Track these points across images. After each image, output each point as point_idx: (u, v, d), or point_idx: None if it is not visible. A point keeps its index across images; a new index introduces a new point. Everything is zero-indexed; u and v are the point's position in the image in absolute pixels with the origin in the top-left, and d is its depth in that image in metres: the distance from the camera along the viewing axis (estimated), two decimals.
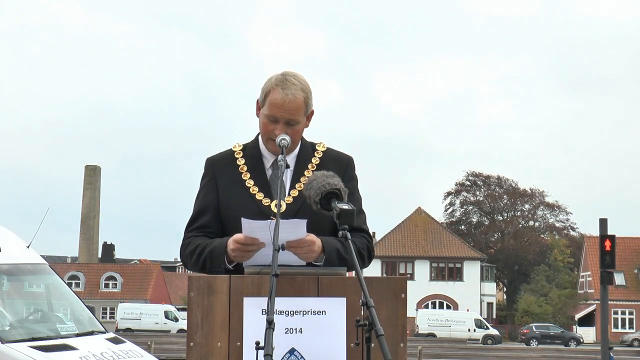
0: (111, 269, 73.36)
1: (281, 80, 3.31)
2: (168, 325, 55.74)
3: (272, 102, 3.29)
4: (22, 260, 8.82)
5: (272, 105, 3.29)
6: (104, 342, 8.19)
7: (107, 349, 7.93)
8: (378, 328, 2.55)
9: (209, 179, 3.42)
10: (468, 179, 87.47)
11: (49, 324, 8.68)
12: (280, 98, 3.27)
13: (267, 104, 3.31)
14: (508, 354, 30.56)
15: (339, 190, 2.99)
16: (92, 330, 8.65)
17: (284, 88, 3.28)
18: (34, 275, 9.25)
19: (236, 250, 3.08)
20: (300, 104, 3.30)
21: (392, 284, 3.01)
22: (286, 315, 2.89)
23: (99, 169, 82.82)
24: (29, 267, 8.99)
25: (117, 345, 8.21)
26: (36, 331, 8.17)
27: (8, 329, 7.84)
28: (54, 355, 7.39)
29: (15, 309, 8.67)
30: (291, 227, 2.98)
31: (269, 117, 3.30)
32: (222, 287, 2.93)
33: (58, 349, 7.60)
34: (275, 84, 3.31)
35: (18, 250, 8.81)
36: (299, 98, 3.30)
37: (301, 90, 3.31)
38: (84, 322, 8.85)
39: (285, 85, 3.29)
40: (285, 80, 3.31)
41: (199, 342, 2.90)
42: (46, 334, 8.14)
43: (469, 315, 59.16)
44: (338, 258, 3.16)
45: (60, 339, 7.96)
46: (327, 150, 3.47)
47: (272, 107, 3.29)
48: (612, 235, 17.88)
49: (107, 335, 8.59)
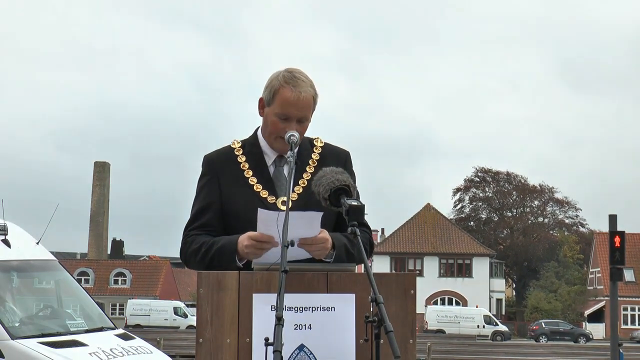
0: (120, 265, 73.48)
1: (290, 77, 3.28)
2: (177, 321, 55.85)
3: (285, 101, 3.26)
4: (32, 257, 8.83)
5: (284, 103, 3.26)
6: (114, 338, 8.20)
7: (116, 345, 7.94)
8: (387, 324, 2.54)
9: (209, 177, 3.37)
10: (477, 175, 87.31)
11: (59, 320, 8.69)
12: (293, 96, 3.25)
13: (276, 102, 3.28)
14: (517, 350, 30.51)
15: (348, 186, 2.98)
16: (101, 326, 8.65)
17: (295, 86, 3.26)
18: (44, 272, 9.26)
19: (250, 247, 3.05)
20: (310, 102, 3.29)
21: (402, 280, 3.01)
22: (295, 311, 2.89)
23: (108, 166, 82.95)
24: (39, 264, 9.00)
25: (126, 341, 8.22)
26: (46, 327, 8.18)
27: (18, 325, 7.85)
28: (64, 351, 7.40)
29: (24, 305, 8.68)
30: (306, 220, 2.96)
31: (281, 115, 3.27)
32: (231, 284, 2.93)
33: (68, 345, 7.60)
34: (284, 81, 3.27)
35: (28, 247, 8.82)
36: (310, 95, 3.29)
37: (310, 87, 3.30)
38: (94, 318, 8.86)
39: (296, 83, 3.27)
40: (295, 78, 3.28)
41: (208, 338, 2.90)
42: (56, 330, 8.14)
43: (478, 312, 59.05)
44: (346, 254, 3.16)
45: (70, 335, 7.97)
46: (325, 145, 3.45)
47: (284, 106, 3.26)
48: (622, 231, 17.81)
49: (116, 332, 8.59)
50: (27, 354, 7.20)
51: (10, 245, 8.40)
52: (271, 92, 3.30)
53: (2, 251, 8.33)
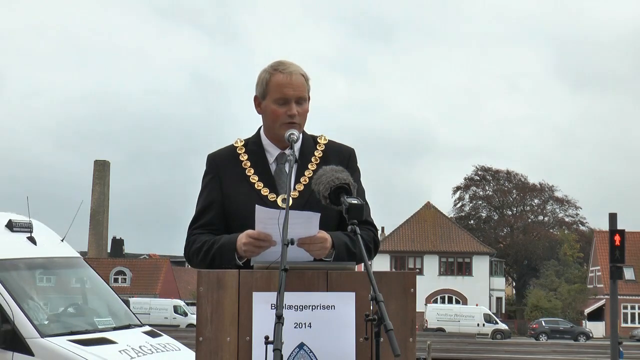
0: (120, 264, 73.48)
1: (277, 64, 3.33)
2: (177, 319, 55.85)
3: (278, 85, 3.28)
4: (57, 254, 8.77)
5: (278, 87, 3.28)
6: (142, 336, 8.12)
7: (145, 342, 7.86)
8: (387, 323, 2.54)
9: (212, 176, 3.39)
10: (477, 173, 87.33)
11: (86, 317, 8.60)
12: (285, 77, 3.28)
13: (271, 90, 3.30)
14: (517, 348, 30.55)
15: (348, 184, 2.98)
16: (128, 323, 8.57)
17: (284, 69, 3.31)
18: (69, 269, 9.18)
19: (248, 245, 3.06)
20: (303, 81, 3.33)
21: (402, 279, 3.00)
22: (295, 309, 2.89)
23: (108, 164, 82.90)
24: (64, 261, 8.92)
25: (154, 338, 8.14)
26: (74, 325, 8.05)
27: (47, 323, 7.78)
28: (95, 349, 7.29)
29: (51, 302, 8.61)
30: (304, 220, 2.96)
31: (279, 100, 3.29)
32: (231, 282, 2.93)
33: (97, 342, 7.49)
34: (272, 69, 3.32)
35: (53, 244, 8.77)
36: (300, 75, 3.32)
37: (300, 69, 3.35)
38: (120, 315, 8.80)
39: (284, 66, 3.32)
40: (281, 63, 3.33)
41: (208, 336, 2.90)
42: (84, 327, 8.02)
43: (478, 310, 59.07)
44: (347, 253, 3.15)
45: (98, 333, 7.86)
46: (328, 142, 3.45)
47: (279, 89, 3.28)
48: (622, 230, 17.81)
49: (143, 329, 8.51)
50: (57, 352, 7.11)
51: (36, 242, 8.36)
52: (263, 85, 3.34)
53: (28, 249, 8.27)
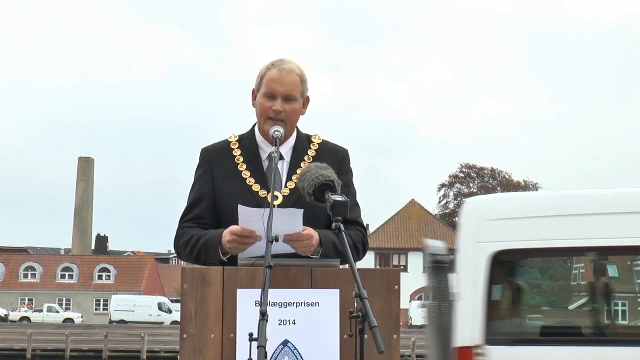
0: (105, 261, 73.20)
1: (276, 60, 3.37)
2: (162, 316, 55.71)
3: (269, 79, 3.31)
4: None
5: (268, 81, 3.31)
6: None
7: None
8: (371, 319, 2.55)
9: (204, 169, 3.40)
10: (462, 170, 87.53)
11: None
12: (276, 72, 3.31)
13: (263, 84, 3.33)
14: None
15: (332, 181, 2.98)
16: None
17: (279, 65, 3.33)
18: None
19: (232, 242, 3.07)
20: (296, 80, 3.33)
21: (386, 276, 3.01)
22: (280, 306, 2.89)
23: (92, 161, 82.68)
24: None
25: None
26: None
27: None
28: None
29: None
30: (287, 217, 2.96)
31: (267, 94, 3.31)
32: (215, 279, 2.93)
33: None
34: (270, 64, 3.35)
35: None
36: (295, 73, 3.33)
37: (296, 68, 3.35)
38: None
39: (281, 63, 3.34)
40: (280, 60, 3.37)
41: (192, 333, 2.90)
42: None
43: None
44: (334, 251, 3.15)
45: None
46: (322, 142, 3.46)
47: (268, 83, 3.31)
48: None
49: None
50: None
51: None
52: (259, 78, 3.37)
53: None
